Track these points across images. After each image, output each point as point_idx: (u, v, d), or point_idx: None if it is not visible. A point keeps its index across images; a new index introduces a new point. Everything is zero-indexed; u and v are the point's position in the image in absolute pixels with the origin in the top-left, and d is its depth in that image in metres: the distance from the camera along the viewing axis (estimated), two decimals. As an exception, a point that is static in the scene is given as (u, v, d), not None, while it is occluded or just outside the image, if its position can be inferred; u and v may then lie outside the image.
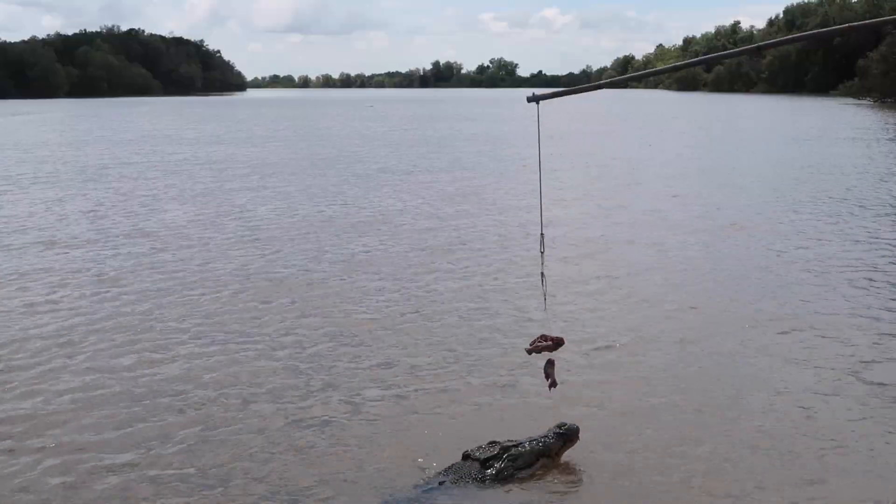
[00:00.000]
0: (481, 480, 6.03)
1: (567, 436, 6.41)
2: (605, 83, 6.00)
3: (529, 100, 5.61)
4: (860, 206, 18.79)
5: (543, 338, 6.02)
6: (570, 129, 46.15)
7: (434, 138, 43.95)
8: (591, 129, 49.22)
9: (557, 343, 6.00)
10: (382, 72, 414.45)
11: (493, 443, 6.28)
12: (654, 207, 19.10)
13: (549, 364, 6.08)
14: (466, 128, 53.77)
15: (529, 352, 6.05)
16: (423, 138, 44.01)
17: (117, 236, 15.97)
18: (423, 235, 15.87)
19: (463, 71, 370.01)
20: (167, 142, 42.41)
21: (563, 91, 5.86)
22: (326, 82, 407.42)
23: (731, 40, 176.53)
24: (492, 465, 6.11)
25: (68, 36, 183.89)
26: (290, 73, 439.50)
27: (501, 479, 6.07)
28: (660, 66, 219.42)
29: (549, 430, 6.45)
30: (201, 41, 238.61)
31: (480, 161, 30.50)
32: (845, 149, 33.57)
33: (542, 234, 6.11)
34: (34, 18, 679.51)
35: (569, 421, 6.56)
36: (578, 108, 71.60)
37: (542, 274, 6.12)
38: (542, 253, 6.11)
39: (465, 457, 6.20)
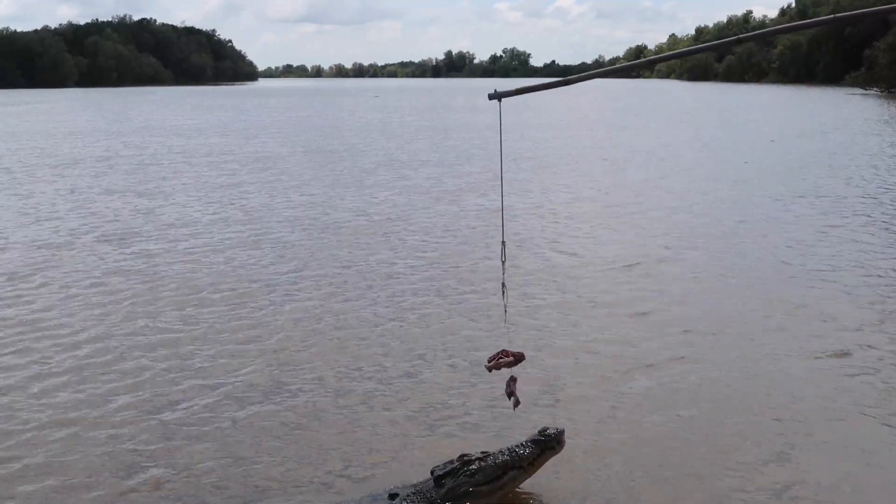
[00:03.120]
0: (431, 501, 5.41)
1: (545, 443, 5.70)
2: (574, 79, 5.50)
3: (491, 97, 5.30)
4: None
5: (504, 353, 5.62)
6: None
7: (427, 128, 43.71)
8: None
9: (518, 359, 5.59)
10: (395, 62, 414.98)
11: (463, 456, 5.67)
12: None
13: (512, 381, 5.68)
14: (461, 119, 53.39)
15: (489, 369, 5.62)
16: (420, 128, 43.81)
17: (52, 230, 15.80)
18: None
19: (475, 61, 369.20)
20: (151, 133, 42.40)
21: (527, 88, 5.44)
22: (339, 72, 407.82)
23: (742, 30, 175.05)
24: (444, 483, 5.47)
25: (79, 25, 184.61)
26: (303, 63, 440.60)
27: (455, 497, 5.43)
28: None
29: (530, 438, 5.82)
30: (213, 31, 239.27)
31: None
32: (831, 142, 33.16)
33: (503, 242, 5.84)
34: (49, 9, 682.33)
35: (556, 425, 5.96)
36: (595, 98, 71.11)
37: (503, 285, 5.78)
38: (503, 262, 5.82)
39: (431, 473, 5.64)
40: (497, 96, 5.28)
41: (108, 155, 30.25)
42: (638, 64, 6.36)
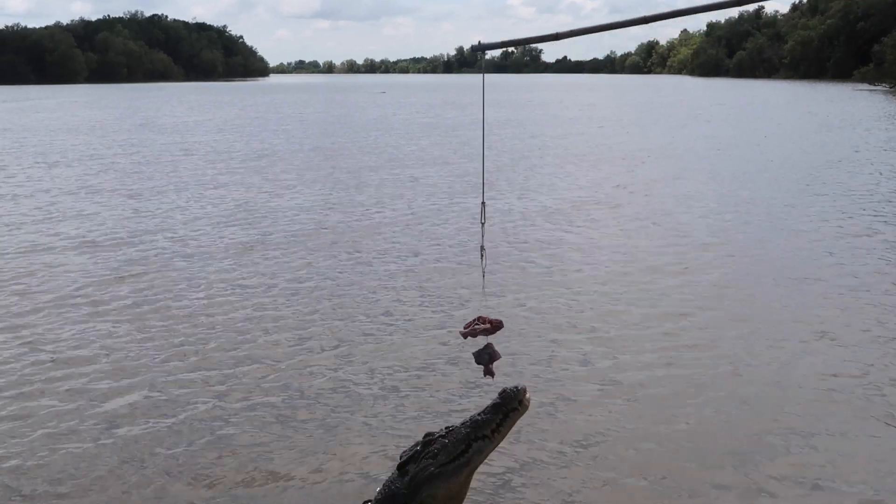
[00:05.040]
0: (397, 494, 4.91)
1: (506, 405, 5.00)
2: (564, 34, 5.42)
3: (474, 48, 5.26)
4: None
5: (480, 319, 5.19)
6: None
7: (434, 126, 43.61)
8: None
9: (496, 326, 5.17)
10: (408, 57, 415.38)
11: (427, 435, 5.12)
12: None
13: (487, 351, 5.25)
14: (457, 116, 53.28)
15: (465, 335, 5.18)
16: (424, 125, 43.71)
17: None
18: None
19: (487, 57, 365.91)
20: (149, 130, 42.43)
21: (512, 42, 5.46)
22: (351, 68, 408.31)
23: (754, 24, 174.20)
24: (408, 470, 4.92)
25: (89, 21, 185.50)
26: (315, 59, 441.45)
27: (422, 483, 4.86)
28: (684, 52, 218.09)
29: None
30: (224, 27, 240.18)
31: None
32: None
33: (482, 203, 5.55)
34: (63, 5, 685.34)
35: (514, 383, 5.21)
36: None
37: (482, 248, 5.47)
38: (482, 224, 5.53)
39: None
40: (480, 48, 5.27)
41: (96, 153, 30.33)
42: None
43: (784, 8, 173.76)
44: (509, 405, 4.96)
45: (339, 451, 6.54)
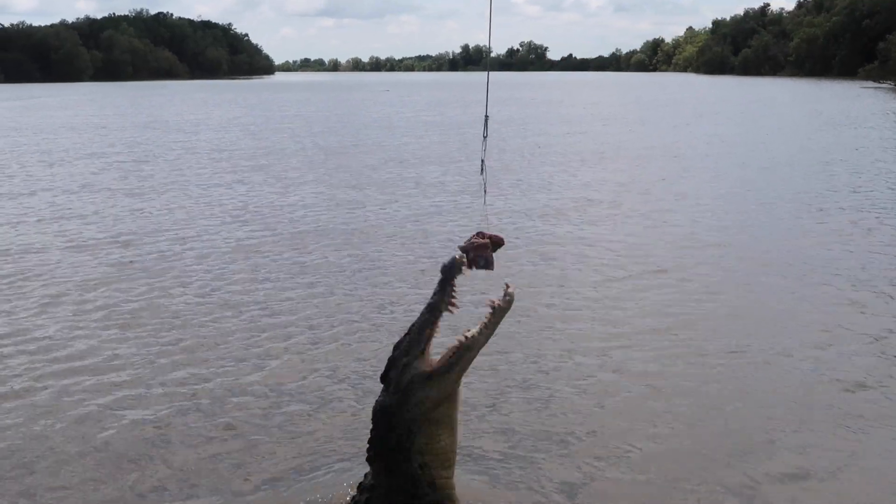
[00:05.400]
0: (387, 409, 4.80)
1: (447, 276, 4.87)
2: None
3: None
4: None
5: (480, 235, 5.09)
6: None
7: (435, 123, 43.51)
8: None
9: (496, 242, 5.06)
10: (413, 55, 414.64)
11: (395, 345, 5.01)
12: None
13: (474, 247, 5.02)
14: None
15: (464, 250, 5.02)
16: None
17: None
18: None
19: (493, 54, 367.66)
20: (145, 128, 42.38)
21: None
22: (356, 66, 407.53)
23: (759, 22, 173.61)
24: (390, 378, 4.84)
25: (95, 19, 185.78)
26: (320, 57, 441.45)
27: (408, 385, 4.73)
28: (689, 50, 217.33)
29: None
30: (229, 25, 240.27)
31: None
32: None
33: (486, 116, 5.62)
34: (69, 3, 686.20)
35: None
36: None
37: (483, 161, 5.53)
38: (484, 138, 5.55)
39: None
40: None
41: (97, 151, 30.31)
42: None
43: (789, 5, 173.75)
44: (451, 274, 4.85)
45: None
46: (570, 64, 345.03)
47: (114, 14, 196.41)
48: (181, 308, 10.33)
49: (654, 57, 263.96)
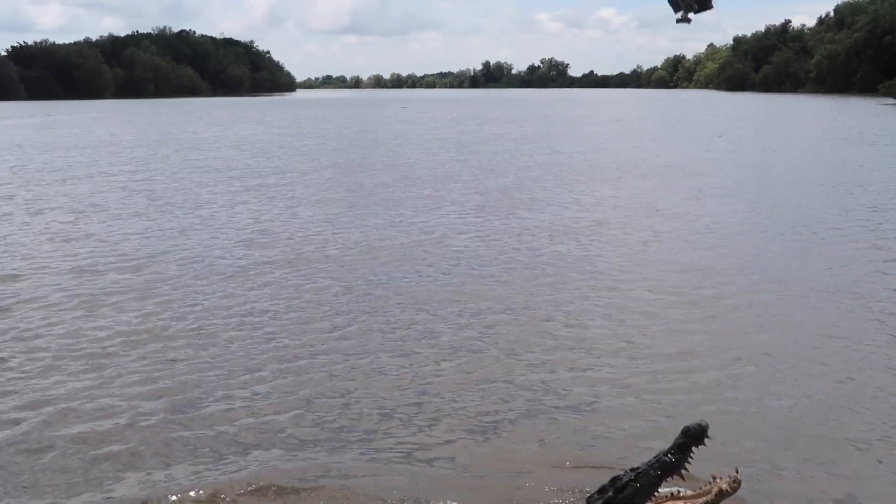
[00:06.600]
0: None
1: (687, 445, 4.80)
2: None
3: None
4: None
5: None
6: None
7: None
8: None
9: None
10: (435, 72, 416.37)
11: (614, 480, 4.94)
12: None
13: None
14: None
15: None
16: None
17: None
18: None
19: (513, 71, 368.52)
20: (161, 146, 42.29)
21: None
22: (377, 83, 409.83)
23: (780, 38, 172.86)
24: None
25: (118, 37, 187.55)
26: (342, 74, 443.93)
27: None
28: (710, 66, 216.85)
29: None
30: (251, 42, 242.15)
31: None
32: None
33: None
34: (95, 20, 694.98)
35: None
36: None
37: None
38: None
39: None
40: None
41: (105, 170, 30.20)
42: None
43: (811, 22, 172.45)
44: (695, 441, 4.78)
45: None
46: (590, 80, 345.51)
47: (137, 32, 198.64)
48: (186, 328, 10.11)
49: (675, 73, 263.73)
